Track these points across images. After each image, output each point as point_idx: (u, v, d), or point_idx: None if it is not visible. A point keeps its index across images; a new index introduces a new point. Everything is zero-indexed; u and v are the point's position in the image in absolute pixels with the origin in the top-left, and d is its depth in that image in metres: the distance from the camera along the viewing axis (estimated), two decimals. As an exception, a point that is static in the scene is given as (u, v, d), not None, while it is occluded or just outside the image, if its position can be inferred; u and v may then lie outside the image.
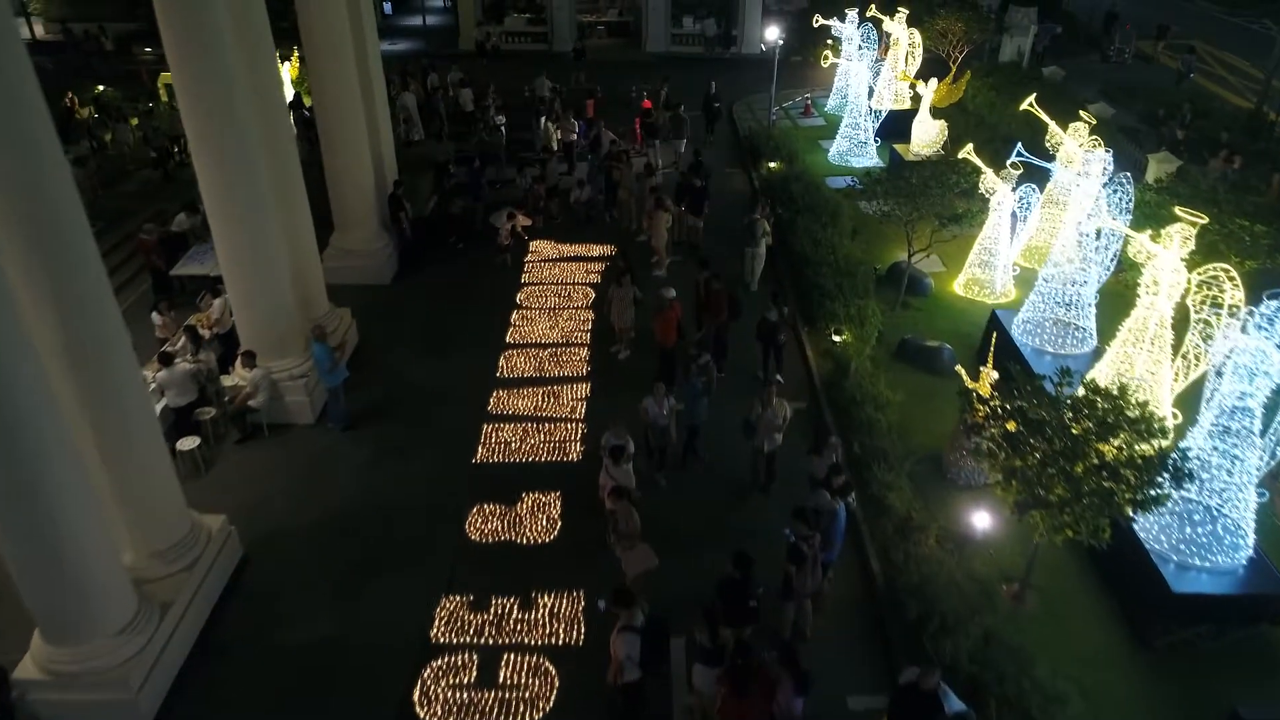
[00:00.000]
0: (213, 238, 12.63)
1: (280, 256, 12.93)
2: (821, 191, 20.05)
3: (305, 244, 14.25)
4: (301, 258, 14.15)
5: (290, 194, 13.64)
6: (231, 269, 12.72)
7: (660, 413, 11.95)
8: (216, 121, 11.28)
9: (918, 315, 16.27)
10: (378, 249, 17.68)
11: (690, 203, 18.26)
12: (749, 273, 17.72)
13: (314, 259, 14.55)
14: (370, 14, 17.25)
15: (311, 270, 14.50)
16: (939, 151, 21.26)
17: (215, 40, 10.84)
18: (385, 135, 18.39)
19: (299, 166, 13.84)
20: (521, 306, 16.99)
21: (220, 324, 14.36)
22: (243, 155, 11.73)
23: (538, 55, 35.34)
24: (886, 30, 24.16)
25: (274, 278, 12.90)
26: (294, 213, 13.81)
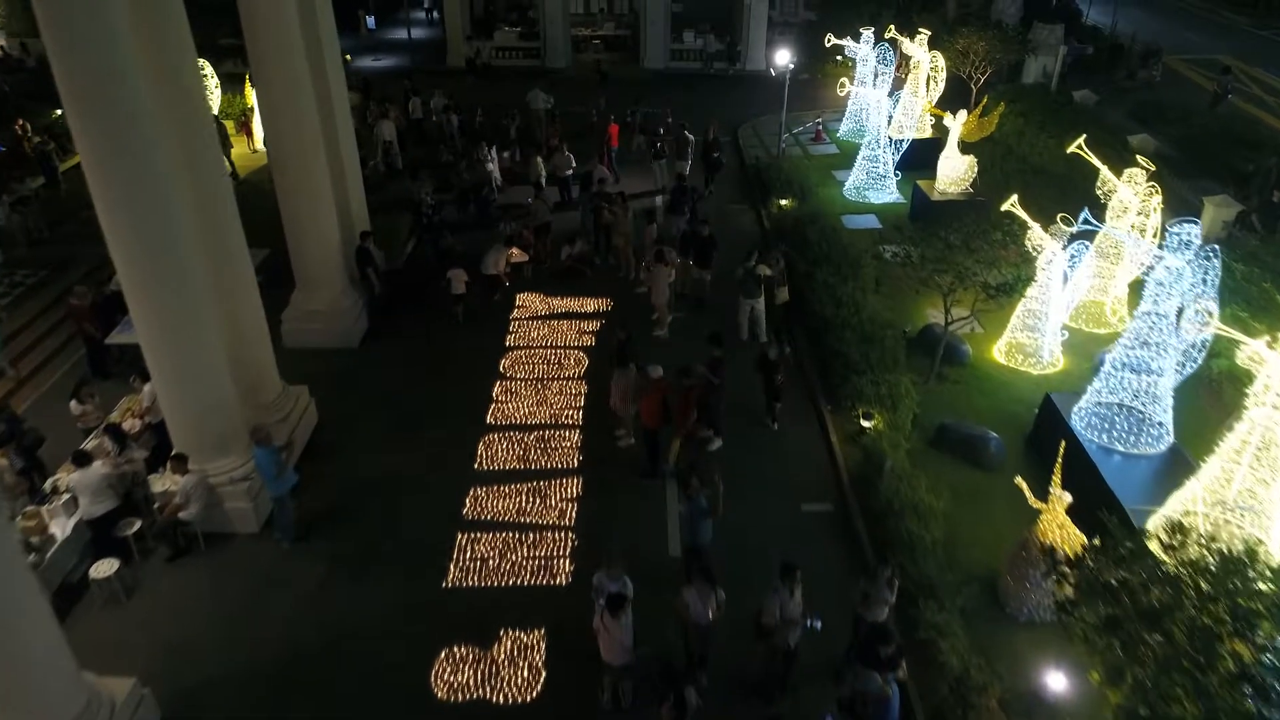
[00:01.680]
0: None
1: (213, 338, 10.94)
2: (840, 236, 18.08)
3: (248, 316, 12.27)
4: (244, 334, 12.19)
5: (227, 254, 11.67)
6: (153, 356, 10.74)
7: (703, 610, 9.02)
8: (117, 163, 9.28)
9: (955, 390, 14.31)
10: (344, 309, 15.70)
11: (697, 254, 16.28)
12: (745, 329, 15.86)
13: (260, 334, 12.57)
14: (332, 39, 15.25)
15: (257, 348, 12.53)
16: (968, 190, 19.31)
17: (109, 59, 8.85)
18: (352, 178, 16.41)
19: (236, 217, 11.81)
20: (505, 376, 15.02)
21: (153, 412, 12.38)
22: (156, 206, 9.69)
23: (530, 72, 33.35)
24: (906, 52, 22.22)
25: (207, 364, 10.92)
26: (233, 277, 11.84)
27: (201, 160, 11.01)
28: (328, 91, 15.05)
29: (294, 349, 15.54)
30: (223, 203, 11.52)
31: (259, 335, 12.50)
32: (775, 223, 19.99)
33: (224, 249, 11.62)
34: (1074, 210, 19.00)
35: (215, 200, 11.39)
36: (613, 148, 22.75)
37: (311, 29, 14.32)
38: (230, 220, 11.67)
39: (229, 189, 11.70)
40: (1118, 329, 15.69)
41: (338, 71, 15.46)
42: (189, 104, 10.64)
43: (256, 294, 12.39)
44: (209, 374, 10.99)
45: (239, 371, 12.03)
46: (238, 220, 11.81)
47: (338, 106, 15.50)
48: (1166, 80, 30.63)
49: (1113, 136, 21.38)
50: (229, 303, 11.80)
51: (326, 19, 14.96)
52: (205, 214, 11.06)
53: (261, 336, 12.55)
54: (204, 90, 11.22)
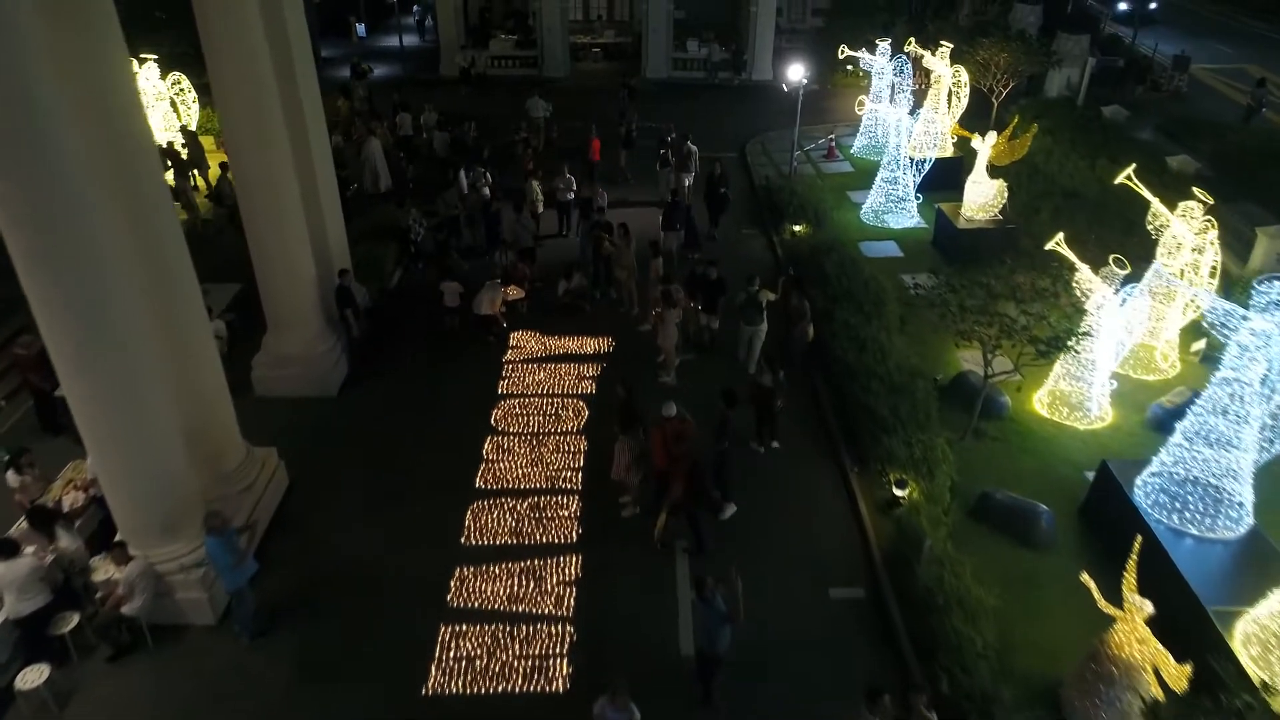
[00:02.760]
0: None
1: (160, 404, 9.55)
2: (860, 269, 16.70)
3: (205, 375, 10.90)
4: (201, 395, 10.81)
5: (178, 304, 10.27)
6: (87, 428, 9.33)
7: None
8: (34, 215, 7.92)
9: (994, 448, 12.93)
10: (321, 353, 14.30)
11: (705, 299, 14.90)
12: (745, 354, 14.70)
13: (219, 394, 11.17)
14: (305, 56, 13.79)
15: (217, 410, 11.14)
16: (997, 216, 17.93)
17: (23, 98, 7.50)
18: (329, 205, 14.96)
19: (188, 261, 10.40)
20: (497, 430, 13.63)
21: (100, 484, 10.97)
22: (82, 260, 8.30)
23: (527, 81, 31.95)
24: (926, 66, 20.86)
25: (152, 435, 9.53)
26: (186, 330, 10.45)
27: (144, 199, 9.63)
28: (298, 105, 13.60)
29: (266, 398, 14.19)
30: (171, 246, 10.14)
31: (218, 396, 11.11)
32: (789, 250, 18.62)
33: (174, 299, 10.24)
34: (1109, 237, 17.87)
35: (162, 244, 10.02)
36: (594, 162, 21.36)
37: (278, 30, 12.85)
38: (180, 265, 10.28)
39: (177, 231, 10.29)
40: (1169, 375, 14.36)
41: (310, 81, 14.00)
42: (128, 142, 9.26)
43: (214, 349, 11.01)
44: (155, 446, 9.60)
45: (195, 438, 10.67)
46: (189, 265, 10.43)
47: (311, 123, 14.02)
48: (1193, 92, 29.30)
49: (1149, 158, 19.99)
50: (181, 360, 10.42)
51: (296, 17, 13.44)
52: (151, 260, 9.69)
53: (220, 397, 11.16)
54: (147, 129, 9.78)
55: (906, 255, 18.66)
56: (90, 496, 11.01)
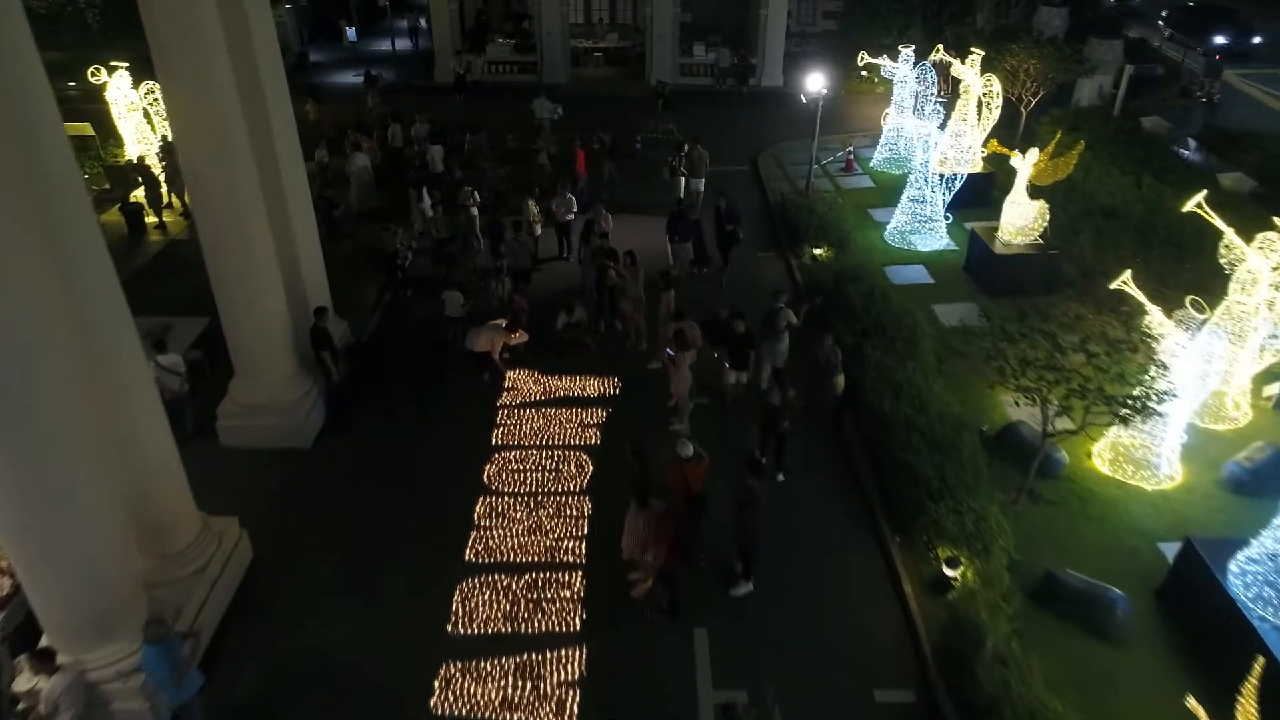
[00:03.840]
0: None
1: (87, 483, 8.06)
2: (890, 300, 15.21)
3: (151, 442, 9.41)
4: (146, 465, 9.33)
5: (114, 360, 8.78)
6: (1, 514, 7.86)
7: None
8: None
9: (1052, 513, 11.44)
10: (294, 401, 12.81)
11: (733, 355, 13.15)
12: (765, 380, 13.59)
13: (167, 462, 9.67)
14: (274, 68, 12.26)
15: (165, 481, 9.64)
16: (1037, 241, 16.44)
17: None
18: (304, 232, 13.44)
19: (125, 311, 8.90)
20: (490, 489, 12.15)
21: (26, 568, 9.48)
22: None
23: (526, 88, 30.47)
24: (955, 75, 19.37)
25: (81, 521, 8.05)
26: (127, 389, 8.96)
27: (71, 241, 8.14)
28: (266, 123, 12.08)
29: (232, 449, 12.72)
30: (105, 295, 8.65)
31: (166, 465, 9.62)
32: (809, 276, 17.11)
33: (110, 354, 8.74)
34: (1159, 264, 16.39)
35: (97, 294, 8.53)
36: (580, 177, 19.88)
37: (242, 39, 11.34)
38: (116, 316, 8.79)
39: (111, 278, 8.77)
40: (1240, 424, 12.87)
41: (280, 96, 12.49)
42: (39, 153, 7.74)
43: (160, 412, 9.50)
44: (81, 533, 8.11)
45: (141, 514, 9.27)
46: (127, 315, 8.93)
47: (282, 143, 12.51)
48: (1226, 99, 27.77)
49: (1198, 175, 18.52)
50: (122, 425, 8.94)
51: (263, 24, 11.86)
52: (71, 296, 8.16)
53: (169, 466, 9.67)
54: (59, 131, 8.10)
55: (938, 282, 17.16)
56: (16, 584, 9.51)
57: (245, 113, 11.34)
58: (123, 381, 8.91)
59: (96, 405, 8.44)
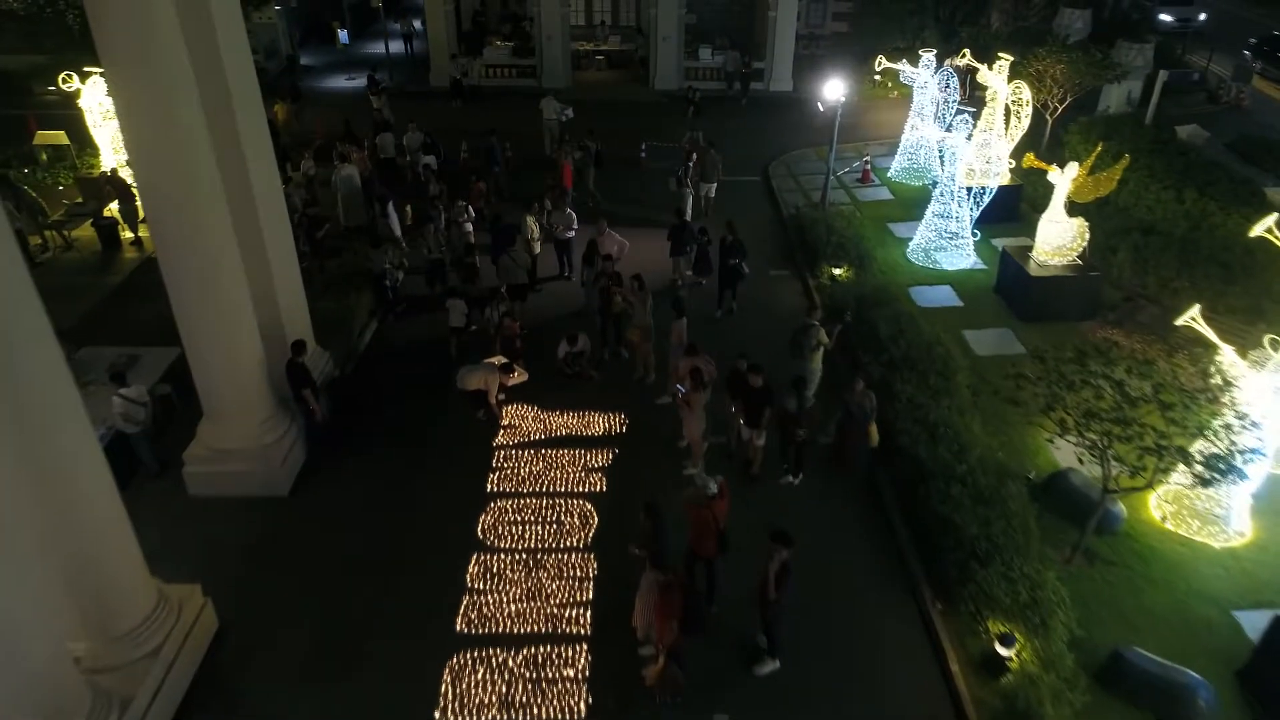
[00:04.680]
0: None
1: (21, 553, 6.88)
2: (920, 327, 14.03)
3: (95, 513, 8.20)
4: (87, 544, 8.13)
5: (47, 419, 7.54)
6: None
7: None
8: None
9: (1111, 576, 10.26)
10: (268, 446, 11.62)
11: (748, 410, 11.49)
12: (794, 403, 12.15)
13: (116, 534, 8.46)
14: (245, 78, 11.07)
15: (112, 556, 8.44)
16: (1075, 261, 15.26)
17: None
18: (281, 266, 12.24)
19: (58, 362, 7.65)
20: (485, 545, 10.97)
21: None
22: None
23: (524, 93, 29.33)
24: (982, 82, 18.19)
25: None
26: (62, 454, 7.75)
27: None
28: (236, 140, 10.88)
29: (201, 498, 11.54)
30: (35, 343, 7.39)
31: (112, 528, 8.41)
32: (829, 298, 15.92)
33: (41, 413, 7.52)
34: (1205, 285, 15.26)
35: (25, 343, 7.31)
36: (567, 190, 18.70)
37: (207, 46, 10.14)
38: (48, 369, 7.54)
39: (42, 324, 7.53)
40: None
41: (253, 109, 11.27)
42: None
43: (102, 466, 8.27)
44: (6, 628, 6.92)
45: (81, 588, 8.07)
46: (63, 369, 7.70)
47: (255, 162, 11.28)
48: (1254, 104, 26.63)
49: (1241, 186, 17.36)
50: (54, 480, 7.71)
51: (231, 30, 10.63)
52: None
53: (119, 538, 8.46)
54: None
55: (967, 305, 15.99)
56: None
57: (210, 120, 10.17)
58: (65, 450, 7.71)
59: (27, 473, 7.24)
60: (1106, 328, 14.95)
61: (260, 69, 29.64)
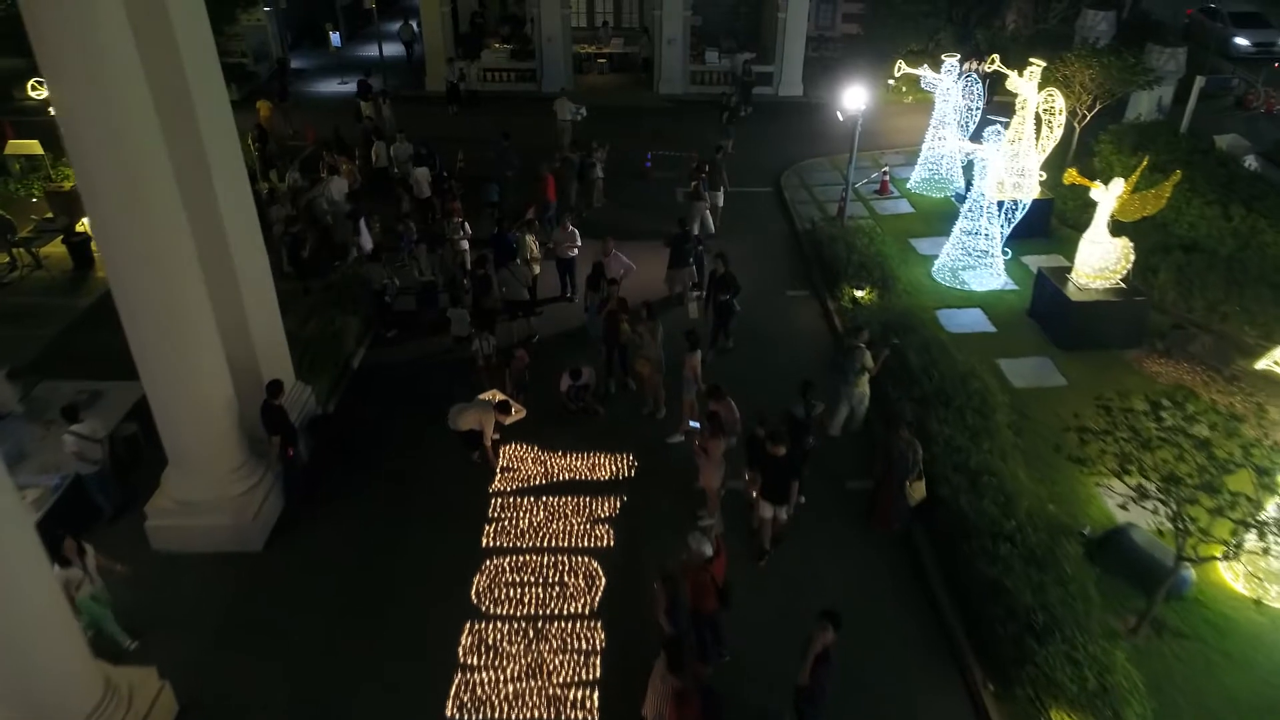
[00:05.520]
0: None
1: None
2: (953, 357, 12.90)
3: (25, 599, 7.07)
4: (17, 637, 7.00)
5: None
6: None
7: None
8: None
9: (1183, 651, 9.13)
10: (239, 497, 10.49)
11: (769, 481, 9.96)
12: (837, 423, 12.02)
13: (55, 622, 7.34)
14: (213, 88, 9.99)
15: (50, 647, 7.30)
16: (1118, 284, 14.14)
17: None
18: (255, 295, 11.09)
19: None
20: (479, 611, 9.84)
21: None
22: None
23: (525, 98, 28.25)
24: (1010, 89, 17.06)
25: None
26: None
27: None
28: (201, 159, 9.75)
29: (165, 555, 10.43)
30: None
31: (50, 623, 7.28)
32: (850, 322, 14.75)
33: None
34: (1256, 308, 14.17)
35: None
36: (549, 203, 17.60)
37: (165, 53, 9.05)
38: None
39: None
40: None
41: (222, 122, 10.19)
42: None
43: (38, 552, 7.15)
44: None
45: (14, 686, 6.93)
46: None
47: (224, 183, 10.16)
48: None
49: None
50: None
51: (194, 34, 9.55)
52: None
53: (54, 624, 7.33)
54: None
55: (1000, 330, 14.86)
56: None
57: (175, 149, 9.07)
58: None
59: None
60: (1154, 357, 13.85)
61: (249, 72, 29.12)
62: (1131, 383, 13.31)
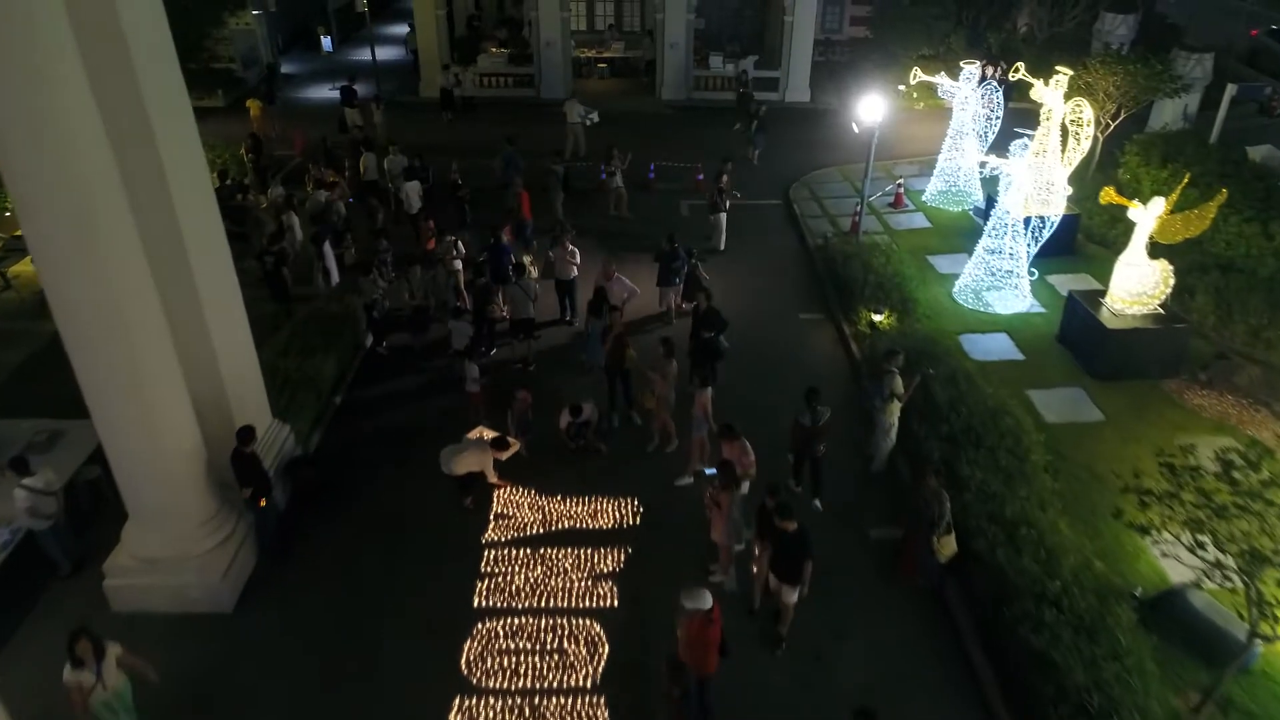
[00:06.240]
0: None
1: None
2: (983, 392, 11.97)
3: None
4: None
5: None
6: None
7: None
8: None
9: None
10: (207, 554, 9.55)
11: (781, 561, 8.82)
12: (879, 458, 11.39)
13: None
14: (174, 99, 8.94)
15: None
16: (1156, 310, 13.22)
17: None
18: (223, 330, 10.00)
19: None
20: (470, 683, 8.89)
21: None
22: None
23: (523, 104, 27.35)
24: (1036, 98, 16.12)
25: None
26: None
27: None
28: (160, 176, 8.64)
29: (126, 616, 9.49)
30: None
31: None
32: (870, 351, 13.85)
33: None
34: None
35: None
36: (525, 220, 16.64)
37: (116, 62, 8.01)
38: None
39: None
40: None
41: (185, 138, 9.12)
42: None
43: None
44: None
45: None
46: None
47: (188, 209, 9.08)
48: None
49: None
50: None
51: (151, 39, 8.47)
52: None
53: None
54: None
55: (1029, 358, 13.93)
56: None
57: (129, 172, 8.14)
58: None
59: None
60: (1196, 388, 12.93)
61: (238, 78, 28.20)
62: (1173, 417, 12.44)
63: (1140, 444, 11.80)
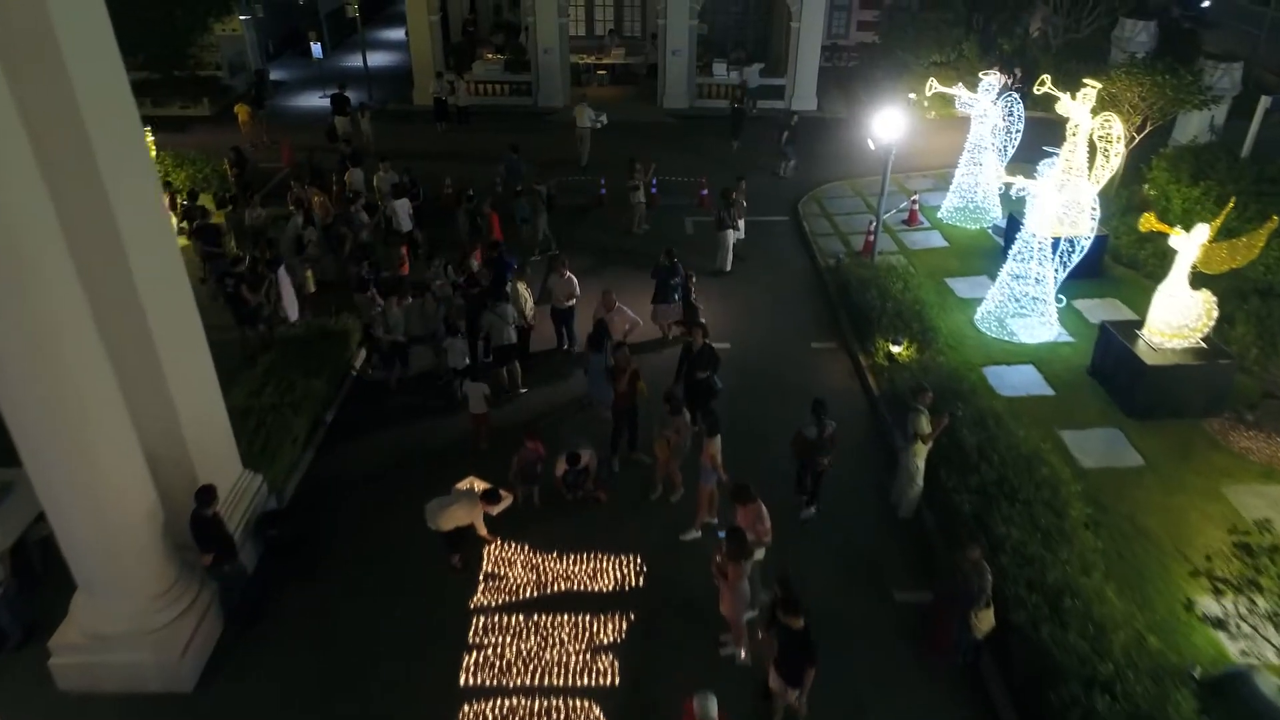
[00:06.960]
0: None
1: None
2: (1015, 437, 11.03)
3: None
4: None
5: None
6: None
7: None
8: None
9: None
10: (164, 628, 8.61)
11: (786, 660, 7.70)
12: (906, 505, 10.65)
13: None
14: (124, 123, 7.93)
15: None
16: (1199, 344, 12.29)
17: None
18: (185, 369, 9.09)
19: None
20: (455, 778, 7.99)
21: None
22: None
23: (520, 113, 26.44)
24: (1062, 113, 15.17)
25: None
26: None
27: None
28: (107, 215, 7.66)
29: (76, 696, 8.58)
30: None
31: None
32: (889, 386, 12.91)
33: None
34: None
35: None
36: (498, 242, 15.59)
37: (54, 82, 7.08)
38: None
39: None
40: None
41: (136, 166, 8.17)
42: None
43: None
44: None
45: None
46: None
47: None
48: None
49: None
50: None
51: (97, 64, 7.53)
52: None
53: None
54: None
55: (1059, 393, 13.00)
56: None
57: (66, 209, 7.21)
58: None
59: None
60: (1240, 428, 12.01)
61: (225, 85, 27.27)
62: (1219, 462, 11.52)
63: (1186, 494, 10.89)
